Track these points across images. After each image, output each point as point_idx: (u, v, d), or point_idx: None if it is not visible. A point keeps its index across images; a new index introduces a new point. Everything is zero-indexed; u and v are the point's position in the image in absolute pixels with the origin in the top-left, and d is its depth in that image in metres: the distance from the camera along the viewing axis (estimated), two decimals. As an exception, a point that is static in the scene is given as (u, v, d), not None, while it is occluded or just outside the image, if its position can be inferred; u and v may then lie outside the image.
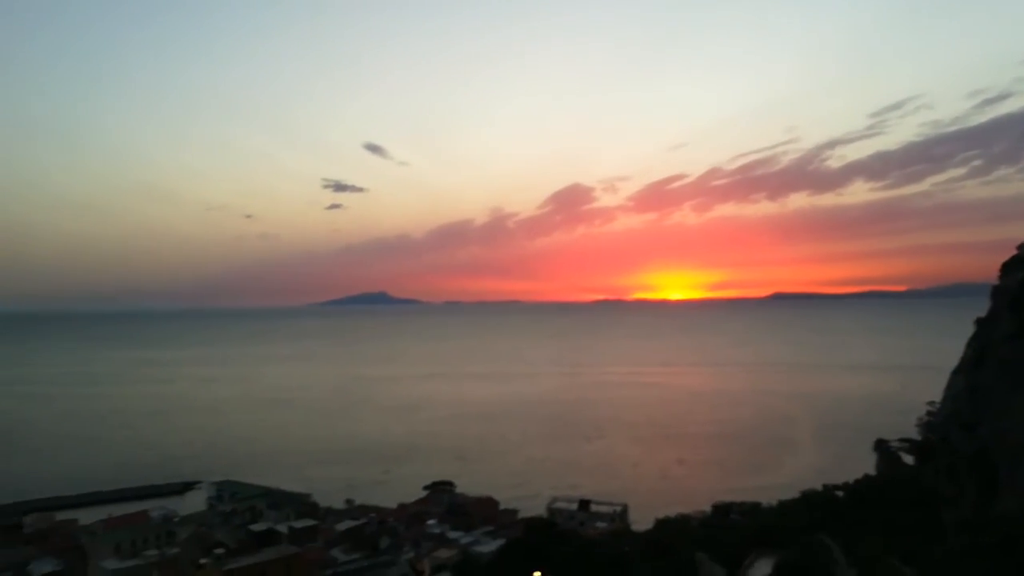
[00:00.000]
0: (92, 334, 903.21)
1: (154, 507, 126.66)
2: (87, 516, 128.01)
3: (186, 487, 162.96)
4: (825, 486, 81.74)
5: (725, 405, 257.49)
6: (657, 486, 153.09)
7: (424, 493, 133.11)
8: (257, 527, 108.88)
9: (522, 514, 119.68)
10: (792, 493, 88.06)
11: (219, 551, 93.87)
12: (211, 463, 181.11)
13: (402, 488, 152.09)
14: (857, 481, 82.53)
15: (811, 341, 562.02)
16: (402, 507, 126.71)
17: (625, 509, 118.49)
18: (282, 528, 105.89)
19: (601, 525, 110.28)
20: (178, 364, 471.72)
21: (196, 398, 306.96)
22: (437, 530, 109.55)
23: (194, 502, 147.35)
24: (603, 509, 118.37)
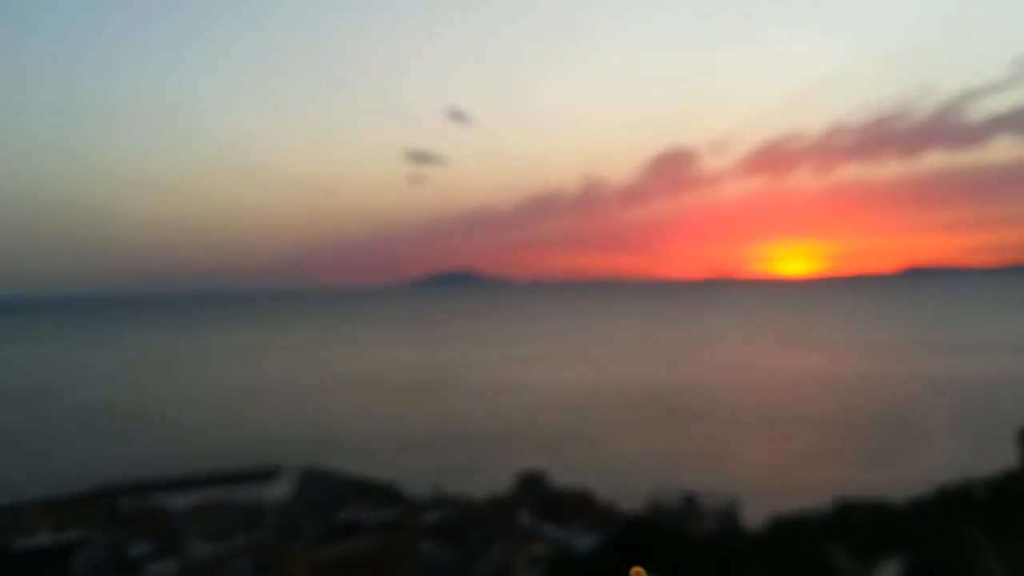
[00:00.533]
0: (177, 315, 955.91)
1: (241, 492, 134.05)
2: (177, 499, 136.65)
3: (272, 473, 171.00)
4: (962, 481, 78.28)
5: (848, 391, 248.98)
6: (771, 480, 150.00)
7: (514, 483, 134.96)
8: (343, 516, 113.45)
9: (620, 508, 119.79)
10: (923, 488, 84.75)
11: (305, 539, 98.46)
12: (297, 449, 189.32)
13: (491, 478, 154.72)
14: (999, 476, 78.66)
15: (949, 320, 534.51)
16: (492, 498, 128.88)
17: (736, 503, 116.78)
18: (369, 517, 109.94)
19: (709, 522, 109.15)
20: (262, 346, 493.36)
21: (280, 382, 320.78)
22: (528, 523, 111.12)
23: (280, 488, 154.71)
24: (711, 504, 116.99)
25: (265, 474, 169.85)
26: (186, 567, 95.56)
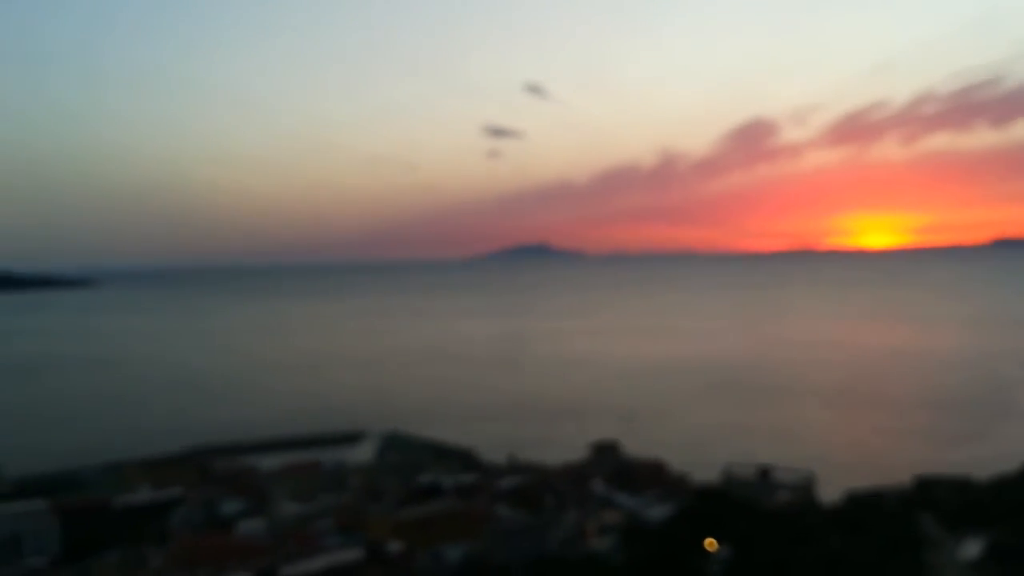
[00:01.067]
0: (263, 287, 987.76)
1: (327, 455, 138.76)
2: (266, 461, 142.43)
3: (356, 437, 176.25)
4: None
5: (933, 367, 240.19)
6: (849, 456, 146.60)
7: (589, 453, 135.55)
8: (423, 480, 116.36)
9: (694, 479, 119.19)
10: (1010, 467, 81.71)
11: (387, 501, 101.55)
12: (379, 414, 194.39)
13: (566, 447, 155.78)
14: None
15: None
16: (566, 466, 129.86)
17: (811, 478, 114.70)
18: (447, 482, 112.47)
19: (783, 495, 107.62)
20: (344, 317, 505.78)
21: (362, 351, 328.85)
22: (602, 492, 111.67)
23: (363, 452, 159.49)
24: (786, 478, 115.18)
25: (349, 438, 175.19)
26: (275, 525, 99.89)
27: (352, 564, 79.48)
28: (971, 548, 47.55)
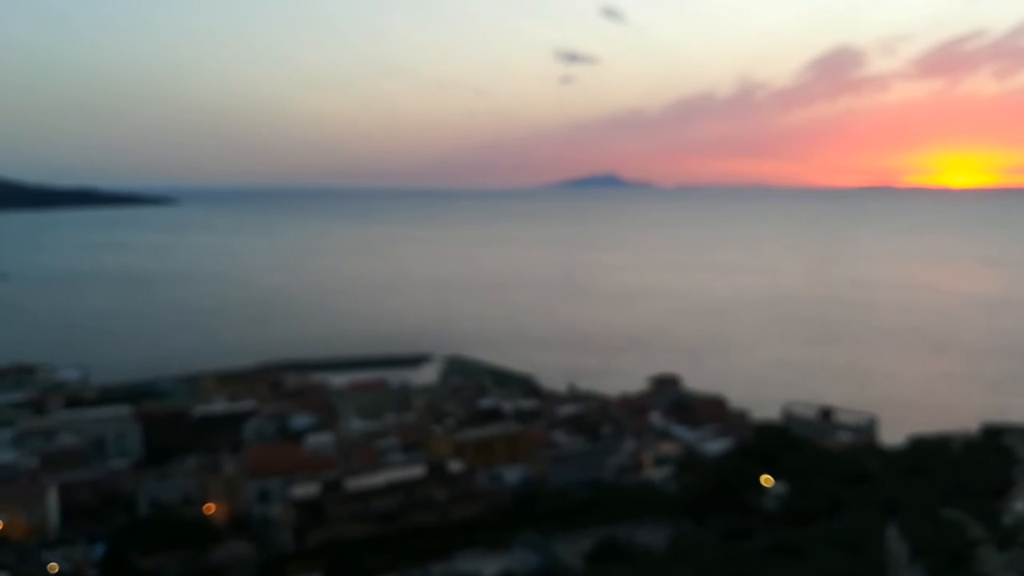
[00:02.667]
0: (335, 210, 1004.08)
1: (392, 376, 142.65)
2: (335, 379, 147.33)
3: (420, 359, 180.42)
4: None
5: (1011, 314, 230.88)
6: (915, 400, 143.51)
7: (648, 386, 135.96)
8: (484, 403, 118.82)
9: (753, 417, 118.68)
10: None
11: (449, 422, 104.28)
12: (443, 339, 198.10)
13: (625, 379, 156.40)
14: None
15: None
16: (625, 397, 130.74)
17: (874, 421, 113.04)
18: (507, 406, 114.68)
19: (844, 436, 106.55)
20: (412, 242, 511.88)
21: (428, 276, 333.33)
22: (660, 424, 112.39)
23: (427, 374, 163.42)
24: (848, 419, 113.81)
25: (415, 360, 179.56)
26: (341, 440, 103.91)
27: (414, 480, 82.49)
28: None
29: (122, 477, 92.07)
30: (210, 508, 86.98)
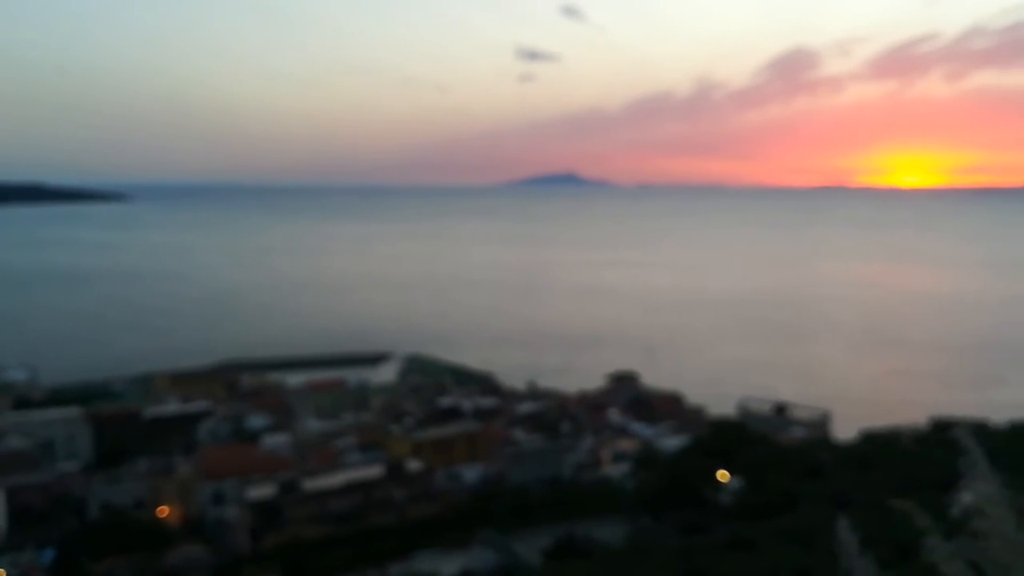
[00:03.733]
0: (292, 207, 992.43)
1: (350, 375, 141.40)
2: (293, 378, 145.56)
3: (379, 358, 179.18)
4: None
5: (960, 311, 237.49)
6: (867, 396, 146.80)
7: (607, 383, 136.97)
8: (443, 402, 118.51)
9: (710, 413, 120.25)
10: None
11: (408, 421, 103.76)
12: (402, 337, 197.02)
13: (584, 376, 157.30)
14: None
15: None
16: (583, 395, 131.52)
17: (827, 416, 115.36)
18: (466, 404, 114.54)
19: (798, 432, 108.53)
20: (371, 240, 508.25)
21: (387, 274, 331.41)
22: (618, 420, 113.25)
23: (386, 373, 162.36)
24: (801, 415, 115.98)
25: (373, 359, 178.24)
26: (298, 441, 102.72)
27: (372, 480, 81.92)
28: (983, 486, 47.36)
29: (72, 480, 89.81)
30: (163, 511, 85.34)
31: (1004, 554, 4.22)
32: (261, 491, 78.28)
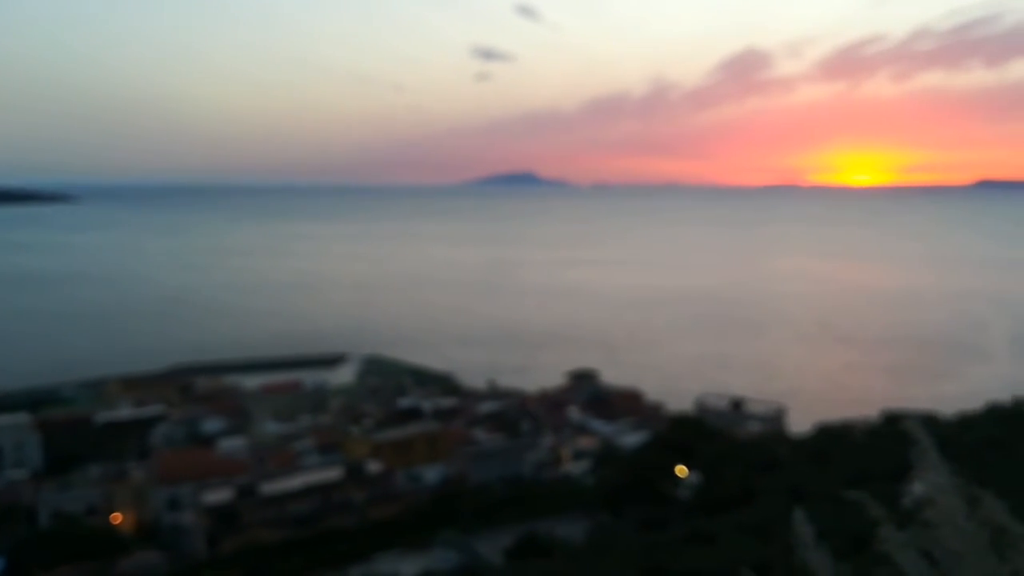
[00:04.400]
0: (246, 207, 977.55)
1: (307, 377, 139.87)
2: (248, 381, 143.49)
3: (337, 360, 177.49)
4: (1016, 399, 76.97)
5: (909, 306, 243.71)
6: (820, 390, 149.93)
7: (566, 380, 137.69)
8: (403, 403, 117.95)
9: (668, 409, 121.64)
10: (977, 406, 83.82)
11: (367, 422, 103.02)
12: (360, 338, 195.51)
13: (544, 374, 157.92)
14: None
15: (1021, 236, 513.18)
16: (543, 393, 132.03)
17: (782, 410, 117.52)
18: (426, 405, 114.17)
19: (754, 426, 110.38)
20: (327, 240, 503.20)
21: (345, 274, 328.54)
22: (578, 418, 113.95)
23: (344, 374, 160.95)
24: (757, 409, 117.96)
25: (331, 360, 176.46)
26: (255, 444, 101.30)
27: (331, 482, 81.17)
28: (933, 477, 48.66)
29: (21, 488, 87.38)
30: (117, 518, 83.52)
31: (955, 542, 4.38)
32: (218, 495, 77.03)
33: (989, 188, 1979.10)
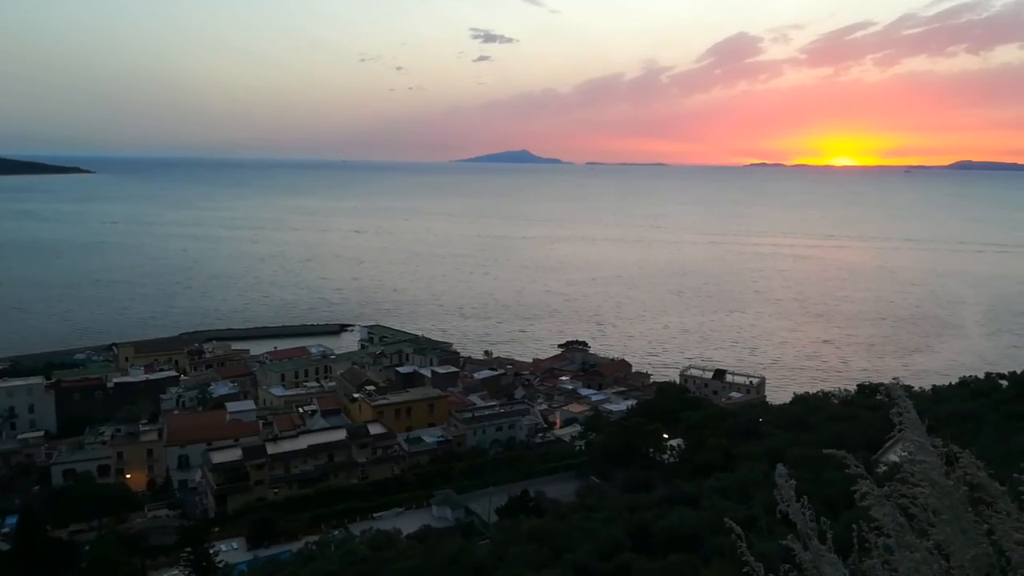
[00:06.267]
0: (251, 182, 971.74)
1: (313, 345, 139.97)
2: (256, 348, 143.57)
3: (341, 329, 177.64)
4: (988, 374, 77.41)
5: (887, 284, 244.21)
6: (800, 364, 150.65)
7: (558, 351, 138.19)
8: (403, 369, 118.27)
9: (654, 379, 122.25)
10: (950, 380, 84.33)
11: (370, 387, 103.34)
12: (362, 309, 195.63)
13: (537, 345, 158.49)
14: (1025, 372, 77.31)
15: (996, 217, 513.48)
16: (537, 362, 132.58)
17: (762, 382, 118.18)
18: (426, 372, 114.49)
19: (735, 395, 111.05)
20: (331, 215, 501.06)
21: (347, 247, 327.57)
22: (569, 386, 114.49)
23: (347, 343, 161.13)
24: (739, 380, 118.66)
25: (334, 330, 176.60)
26: (263, 407, 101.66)
27: (335, 444, 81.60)
28: (899, 452, 49.14)
29: (35, 448, 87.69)
30: (129, 477, 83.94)
31: (932, 498, 4.36)
32: (226, 455, 77.41)
33: (966, 169, 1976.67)
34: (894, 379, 5.06)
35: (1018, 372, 76.67)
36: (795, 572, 4.59)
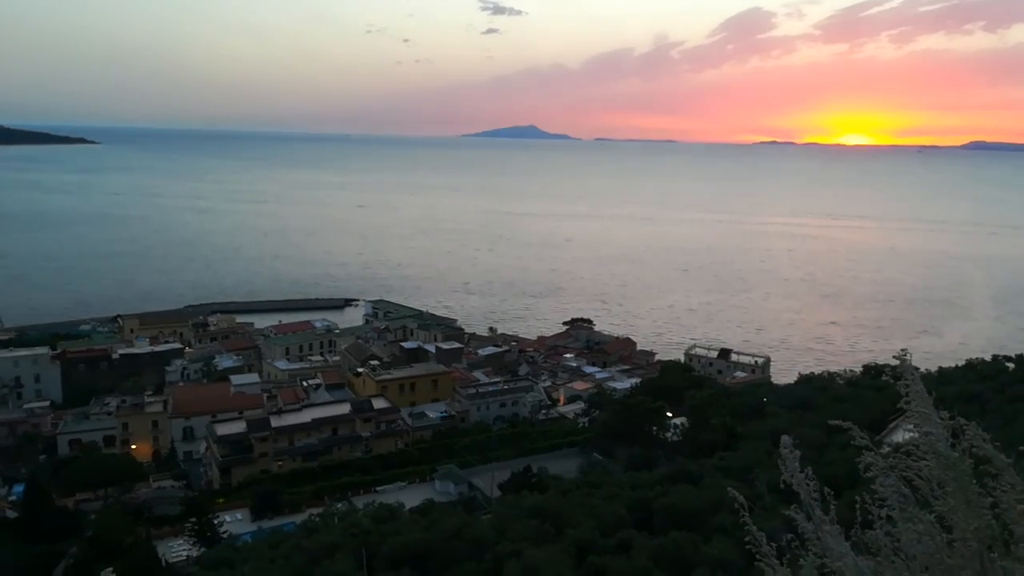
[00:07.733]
0: (256, 155, 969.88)
1: (317, 319, 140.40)
2: (261, 321, 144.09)
3: (345, 303, 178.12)
4: (995, 357, 77.22)
5: (896, 265, 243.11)
6: (806, 344, 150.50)
7: (563, 328, 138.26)
8: (408, 344, 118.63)
9: (659, 357, 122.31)
10: (957, 363, 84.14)
11: (374, 362, 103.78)
12: (366, 284, 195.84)
13: (542, 322, 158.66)
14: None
15: (1009, 198, 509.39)
16: (541, 339, 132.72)
17: (767, 362, 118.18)
18: (430, 347, 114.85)
19: (740, 375, 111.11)
20: (336, 188, 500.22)
21: (352, 222, 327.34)
22: (574, 364, 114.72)
23: (352, 317, 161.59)
24: (744, 359, 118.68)
25: (339, 304, 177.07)
26: (267, 380, 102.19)
27: (339, 417, 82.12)
28: (902, 434, 49.19)
29: (41, 418, 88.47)
30: (134, 447, 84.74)
31: (937, 470, 4.34)
32: (231, 428, 78.03)
33: (981, 149, 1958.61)
34: (902, 350, 5.00)
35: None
36: (797, 542, 4.58)
